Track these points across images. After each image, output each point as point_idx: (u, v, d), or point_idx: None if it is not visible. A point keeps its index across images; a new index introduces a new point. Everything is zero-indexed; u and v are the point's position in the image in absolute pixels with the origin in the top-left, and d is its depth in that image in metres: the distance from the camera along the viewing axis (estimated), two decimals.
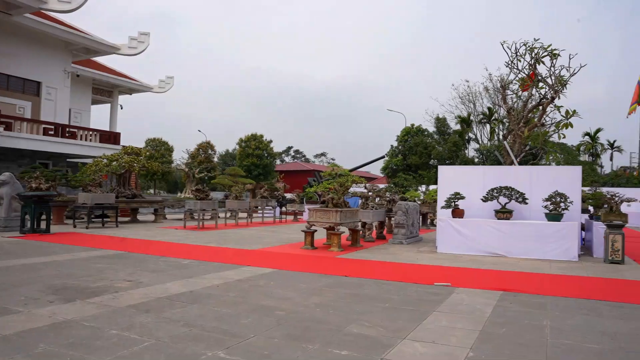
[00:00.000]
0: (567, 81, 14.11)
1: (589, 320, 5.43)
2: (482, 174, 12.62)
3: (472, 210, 12.23)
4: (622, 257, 10.25)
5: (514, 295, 6.69)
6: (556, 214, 11.00)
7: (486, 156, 41.35)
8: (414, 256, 10.82)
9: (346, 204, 12.14)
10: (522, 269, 9.26)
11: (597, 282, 8.04)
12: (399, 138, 42.50)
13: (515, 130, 14.47)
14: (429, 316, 5.44)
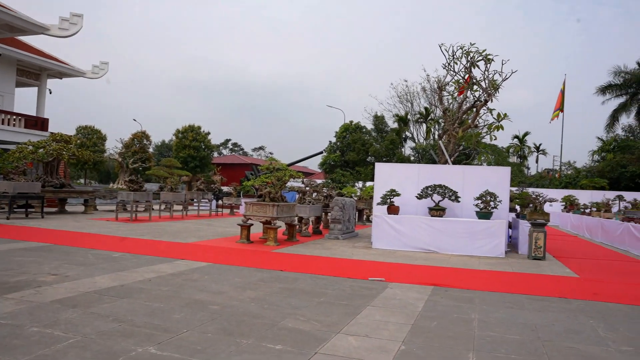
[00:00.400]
0: (499, 85, 14.73)
1: (513, 313, 5.71)
2: (417, 172, 12.97)
3: (407, 207, 12.54)
4: (543, 253, 10.86)
5: (445, 290, 6.93)
6: (486, 212, 11.48)
7: (422, 155, 42.53)
8: (350, 251, 10.97)
9: (283, 199, 12.12)
10: (453, 264, 9.60)
11: (521, 277, 8.47)
12: (337, 134, 42.88)
13: (450, 130, 14.97)
14: (363, 310, 5.53)
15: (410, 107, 48.38)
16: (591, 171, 40.73)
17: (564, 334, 4.94)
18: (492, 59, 14.65)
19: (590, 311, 6.02)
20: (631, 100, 42.58)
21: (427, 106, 45.95)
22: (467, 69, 14.95)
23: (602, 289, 7.61)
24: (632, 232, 13.36)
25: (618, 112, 43.18)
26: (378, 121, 46.28)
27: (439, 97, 15.86)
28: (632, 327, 5.35)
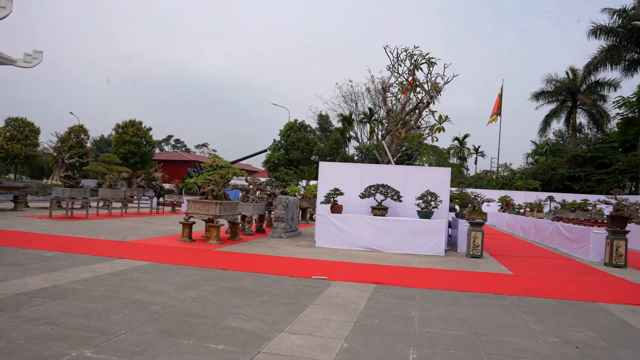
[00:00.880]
0: (441, 88, 15.16)
1: (451, 310, 5.90)
2: (361, 171, 13.15)
3: (350, 206, 12.70)
4: (481, 252, 11.28)
5: (387, 288, 7.06)
6: (427, 211, 11.79)
7: (365, 154, 43.12)
8: (293, 250, 10.98)
9: (226, 197, 11.98)
10: (394, 263, 9.80)
11: (459, 275, 8.76)
12: (282, 133, 42.80)
13: (393, 131, 15.27)
14: (305, 309, 5.55)
15: (355, 107, 48.96)
16: (525, 173, 42.64)
17: (499, 329, 5.15)
18: (434, 62, 15.06)
19: (522, 306, 6.31)
20: (561, 107, 45.01)
21: (371, 107, 46.62)
22: (410, 72, 15.29)
23: (534, 285, 7.98)
24: (561, 231, 14.10)
25: (550, 118, 45.48)
26: (323, 120, 46.52)
27: (383, 98, 16.15)
28: (559, 320, 5.66)
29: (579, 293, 7.55)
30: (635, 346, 4.80)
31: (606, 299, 7.14)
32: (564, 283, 8.43)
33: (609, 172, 36.27)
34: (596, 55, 34.12)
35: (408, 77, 15.37)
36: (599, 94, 43.23)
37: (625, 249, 10.87)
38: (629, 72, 33.68)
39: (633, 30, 29.89)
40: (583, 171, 37.42)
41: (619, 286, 8.44)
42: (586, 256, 12.07)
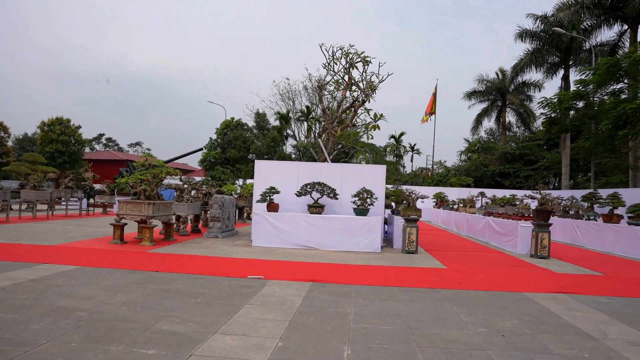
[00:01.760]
0: (376, 86, 15.42)
1: (386, 305, 6.02)
2: (297, 169, 13.17)
3: (287, 204, 12.69)
4: (416, 247, 11.58)
5: (323, 286, 7.11)
6: (363, 209, 11.97)
7: (303, 153, 43.26)
8: (229, 250, 10.85)
9: (160, 196, 11.66)
10: (331, 260, 9.89)
11: (395, 271, 8.96)
12: (218, 131, 42.18)
13: (329, 129, 15.39)
14: (240, 309, 5.50)
15: (292, 105, 48.98)
16: (459, 170, 44.24)
17: (432, 322, 5.31)
18: (369, 60, 15.29)
19: (455, 299, 6.54)
20: (492, 106, 47.03)
21: (308, 105, 46.83)
22: (346, 70, 15.47)
23: (466, 278, 8.29)
24: (492, 225, 14.73)
25: (481, 116, 47.40)
26: (260, 118, 46.24)
27: (319, 97, 16.24)
28: (488, 311, 5.91)
29: (507, 284, 7.91)
30: (555, 331, 5.10)
31: (531, 288, 7.53)
32: (494, 275, 8.81)
33: (535, 169, 38.31)
34: (522, 58, 35.78)
35: (344, 75, 15.53)
36: (526, 94, 45.51)
37: (549, 241, 11.50)
38: (549, 74, 35.69)
39: (554, 35, 31.65)
40: (512, 168, 39.30)
41: (543, 276, 8.93)
42: (514, 249, 12.67)
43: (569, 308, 6.22)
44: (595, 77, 22.06)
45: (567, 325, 5.37)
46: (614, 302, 6.74)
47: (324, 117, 15.94)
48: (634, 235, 12.63)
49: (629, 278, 9.16)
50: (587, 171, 33.77)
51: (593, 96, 24.53)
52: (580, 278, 8.88)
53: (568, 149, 31.65)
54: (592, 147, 24.91)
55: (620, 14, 28.10)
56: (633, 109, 19.31)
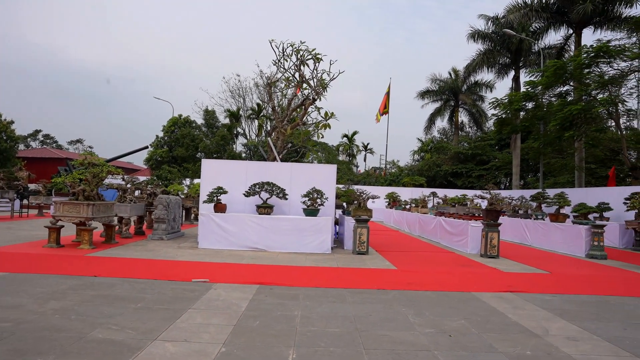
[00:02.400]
0: (327, 84, 15.49)
1: (334, 307, 6.07)
2: (246, 169, 13.07)
3: (235, 205, 12.59)
4: (367, 248, 11.70)
5: (270, 289, 7.09)
6: (313, 209, 12.01)
7: (254, 152, 43.00)
8: (174, 252, 10.66)
9: (100, 197, 11.32)
10: (280, 262, 9.87)
11: (345, 272, 9.03)
12: (165, 128, 41.38)
13: (279, 127, 15.36)
14: (183, 314, 5.41)
15: (243, 102, 48.60)
16: (412, 170, 45.04)
17: (379, 323, 5.39)
18: (320, 58, 15.35)
19: (403, 300, 6.66)
20: (445, 106, 48.16)
21: (259, 102, 46.59)
22: (296, 67, 15.47)
23: (415, 279, 8.45)
24: (443, 225, 15.08)
25: (434, 116, 48.49)
26: (209, 116, 45.66)
27: (269, 94, 16.18)
28: (436, 311, 6.05)
29: (456, 284, 8.12)
30: (500, 330, 5.28)
31: (479, 288, 7.76)
32: (443, 275, 9.01)
33: (487, 169, 39.49)
34: (475, 58, 36.81)
35: (294, 72, 15.54)
36: (478, 95, 46.86)
37: (498, 240, 11.87)
38: (501, 74, 36.90)
39: (504, 36, 32.78)
40: (465, 168, 40.36)
41: (491, 275, 9.21)
42: (465, 249, 13.02)
43: (515, 306, 6.45)
44: (543, 79, 22.97)
45: (513, 323, 5.57)
46: (557, 299, 7.03)
47: (274, 115, 15.89)
48: (578, 233, 13.22)
49: (572, 275, 9.58)
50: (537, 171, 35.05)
51: (542, 97, 25.53)
52: (527, 277, 9.21)
53: (518, 149, 32.78)
54: (541, 147, 25.91)
55: (566, 18, 29.34)
56: (578, 111, 20.23)
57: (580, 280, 9.10)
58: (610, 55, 20.01)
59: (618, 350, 4.73)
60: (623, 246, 16.15)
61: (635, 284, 8.98)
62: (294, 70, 15.73)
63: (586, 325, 5.58)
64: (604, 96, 20.97)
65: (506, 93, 28.80)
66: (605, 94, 21.12)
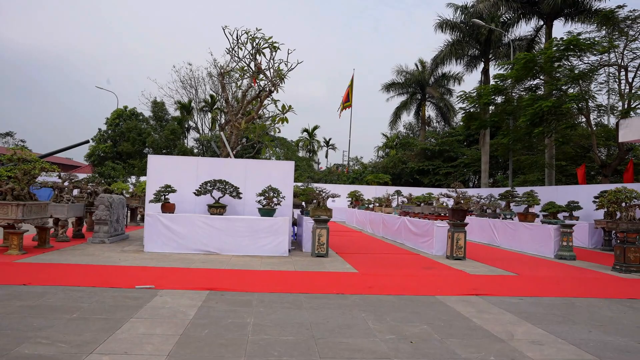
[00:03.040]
0: (285, 75, 15.46)
1: (290, 314, 6.07)
2: (196, 165, 12.94)
3: (185, 204, 12.44)
4: (326, 250, 11.76)
5: (221, 294, 7.04)
6: (269, 209, 11.98)
7: (207, 147, 42.59)
8: (117, 257, 10.45)
9: (32, 197, 10.98)
10: (233, 266, 9.81)
11: (302, 276, 9.05)
12: (108, 121, 40.49)
13: (232, 121, 15.24)
14: (124, 324, 5.31)
15: (195, 93, 48.01)
16: (376, 167, 45.49)
17: (337, 330, 5.42)
18: (277, 47, 15.30)
19: (363, 305, 6.71)
20: (411, 99, 48.74)
21: (213, 94, 46.14)
22: (252, 56, 15.38)
23: (377, 282, 8.54)
24: (407, 225, 15.28)
25: (400, 110, 49.00)
26: (158, 108, 44.90)
27: (222, 85, 16.03)
28: (397, 316, 6.13)
29: (420, 288, 8.25)
30: (464, 335, 5.39)
31: (444, 291, 7.90)
32: (406, 278, 9.14)
33: (455, 166, 40.25)
34: (442, 49, 37.42)
35: (250, 62, 15.44)
36: (446, 88, 47.62)
37: (465, 241, 12.12)
38: (470, 67, 37.64)
39: (474, 27, 33.45)
40: (432, 165, 41.03)
41: (457, 278, 9.40)
42: (430, 250, 13.23)
43: (480, 310, 6.59)
44: (513, 72, 23.59)
45: (477, 328, 5.69)
46: (523, 302, 7.23)
47: (227, 107, 15.76)
48: (547, 233, 13.62)
49: (540, 277, 9.88)
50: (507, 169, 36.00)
51: (511, 91, 26.20)
52: (494, 279, 9.44)
53: (487, 145, 33.50)
54: (510, 144, 26.59)
55: (536, 9, 30.15)
56: (549, 107, 20.85)
57: (548, 282, 9.37)
58: (581, 49, 20.73)
59: (582, 353, 4.90)
60: (592, 246, 16.74)
61: (601, 284, 9.32)
62: (249, 59, 15.64)
63: (552, 329, 5.76)
64: (575, 91, 21.69)
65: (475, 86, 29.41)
66: (576, 89, 21.84)
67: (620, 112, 21.40)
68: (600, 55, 21.10)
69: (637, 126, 14.52)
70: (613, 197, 11.53)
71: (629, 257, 10.85)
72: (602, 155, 27.65)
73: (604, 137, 27.11)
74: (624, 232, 10.97)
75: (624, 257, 10.90)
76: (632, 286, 9.20)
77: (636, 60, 21.13)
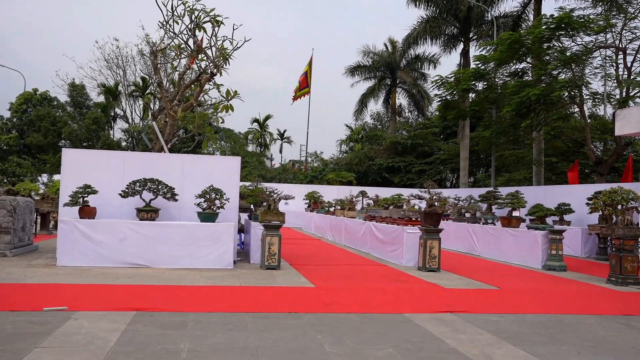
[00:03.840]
0: (230, 55, 15.31)
1: (232, 337, 6.04)
2: (123, 161, 12.74)
3: (109, 208, 12.23)
4: (278, 261, 11.76)
5: (151, 315, 6.95)
6: (211, 213, 11.89)
7: (137, 139, 42.03)
8: (21, 273, 10.19)
9: None
10: (166, 281, 9.70)
11: (248, 292, 9.02)
12: (13, 107, 39.60)
13: (167, 109, 15.03)
14: (27, 355, 5.17)
15: (123, 75, 47.33)
16: (339, 163, 45.65)
17: (288, 355, 5.42)
18: (221, 22, 15.16)
19: (320, 325, 6.73)
20: (379, 85, 49.11)
21: (145, 76, 45.56)
22: (190, 32, 15.19)
23: (336, 299, 8.59)
24: (373, 232, 15.41)
25: (367, 97, 49.40)
26: (76, 92, 44.10)
27: (154, 66, 15.78)
28: (359, 338, 6.19)
29: (386, 304, 8.33)
30: (435, 358, 5.47)
31: (414, 308, 8.01)
32: (371, 294, 9.21)
33: (430, 162, 40.77)
34: (416, 27, 37.89)
35: (187, 38, 15.25)
36: (420, 72, 48.25)
37: (439, 250, 12.28)
38: (447, 48, 38.25)
39: (452, 1, 33.98)
40: (403, 161, 41.45)
41: (429, 293, 9.54)
42: (400, 260, 13.37)
43: (455, 330, 6.70)
44: (496, 54, 23.99)
45: (450, 350, 5.78)
46: (504, 320, 7.39)
47: (161, 93, 15.53)
48: (534, 240, 13.92)
49: (524, 291, 10.11)
50: (489, 166, 36.65)
51: (494, 76, 26.70)
52: (472, 294, 9.61)
53: (467, 139, 34.02)
54: (493, 137, 27.07)
55: None
56: (537, 95, 21.28)
57: (534, 296, 9.59)
58: (574, 28, 21.20)
59: None
60: (586, 255, 17.22)
61: (594, 299, 9.60)
62: (187, 35, 15.44)
63: (536, 350, 5.90)
64: (567, 77, 22.22)
65: (453, 70, 29.80)
66: (568, 75, 22.39)
67: (618, 101, 22.01)
68: (595, 36, 21.69)
69: (636, 117, 14.86)
70: (608, 199, 11.82)
71: (625, 267, 11.18)
72: (597, 150, 28.48)
73: (600, 130, 27.94)
74: (620, 238, 11.31)
75: (620, 267, 11.23)
76: (628, 301, 9.51)
77: (635, 41, 21.81)
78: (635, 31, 21.51)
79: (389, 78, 48.76)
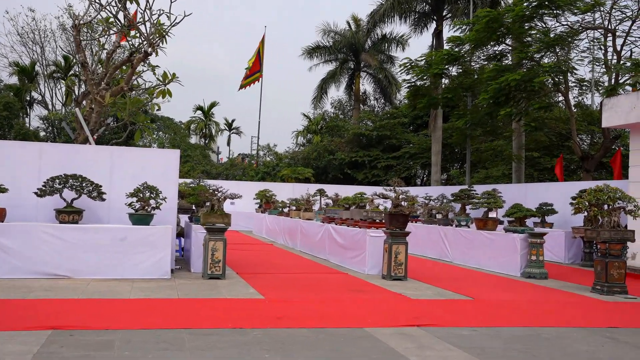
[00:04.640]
0: (167, 32, 15.14)
1: (167, 357, 6.02)
2: (40, 154, 12.51)
3: (21, 209, 12.01)
4: (223, 270, 11.72)
5: (70, 335, 6.84)
6: (144, 214, 11.77)
7: (58, 129, 41.35)
8: None
9: None
10: (91, 294, 9.57)
11: (188, 305, 8.99)
12: None
13: (93, 93, 14.80)
14: None
15: (41, 53, 46.47)
16: (295, 158, 45.60)
17: None
18: None
19: (268, 342, 6.73)
20: (341, 69, 49.11)
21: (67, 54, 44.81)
22: (120, 4, 14.99)
23: (288, 312, 8.61)
24: (333, 235, 15.45)
25: (327, 83, 49.41)
26: None
27: (77, 42, 15.52)
28: (312, 355, 6.23)
29: (344, 317, 8.39)
30: None
31: (376, 322, 8.06)
32: (327, 306, 9.26)
33: (398, 157, 40.99)
34: (382, 3, 38.04)
35: (117, 11, 15.05)
36: (387, 54, 48.49)
37: (406, 256, 12.37)
38: (418, 27, 38.50)
39: None
40: (368, 155, 41.61)
41: (394, 304, 9.63)
42: (362, 268, 13.45)
43: (421, 346, 6.76)
44: (472, 34, 24.22)
45: None
46: (477, 335, 7.49)
47: (85, 74, 15.28)
48: (512, 245, 14.11)
49: (500, 302, 10.30)
50: (464, 161, 37.05)
51: (470, 60, 27.00)
52: (442, 305, 9.73)
53: (439, 130, 34.32)
54: (468, 127, 27.36)
55: None
56: (517, 81, 21.51)
57: (511, 307, 9.76)
58: (558, 6, 21.48)
59: None
60: (570, 260, 17.54)
61: (577, 310, 9.83)
62: (116, 8, 15.23)
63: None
64: (550, 61, 22.56)
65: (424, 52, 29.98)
66: (552, 59, 22.74)
67: (606, 88, 22.40)
68: (582, 15, 22.04)
69: (624, 107, 15.03)
70: (593, 199, 11.95)
71: (611, 274, 11.41)
72: (584, 144, 29.03)
73: (586, 121, 28.43)
74: (606, 242, 11.51)
75: (605, 274, 11.45)
76: (613, 311, 9.74)
77: (626, 22, 22.22)
78: (626, 10, 21.95)
79: (352, 61, 48.89)
